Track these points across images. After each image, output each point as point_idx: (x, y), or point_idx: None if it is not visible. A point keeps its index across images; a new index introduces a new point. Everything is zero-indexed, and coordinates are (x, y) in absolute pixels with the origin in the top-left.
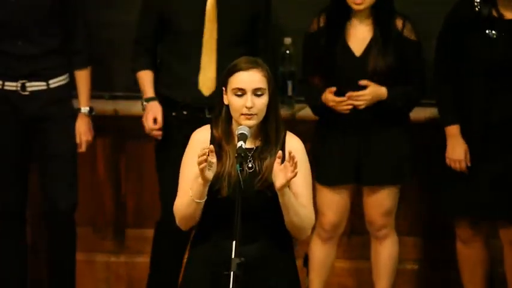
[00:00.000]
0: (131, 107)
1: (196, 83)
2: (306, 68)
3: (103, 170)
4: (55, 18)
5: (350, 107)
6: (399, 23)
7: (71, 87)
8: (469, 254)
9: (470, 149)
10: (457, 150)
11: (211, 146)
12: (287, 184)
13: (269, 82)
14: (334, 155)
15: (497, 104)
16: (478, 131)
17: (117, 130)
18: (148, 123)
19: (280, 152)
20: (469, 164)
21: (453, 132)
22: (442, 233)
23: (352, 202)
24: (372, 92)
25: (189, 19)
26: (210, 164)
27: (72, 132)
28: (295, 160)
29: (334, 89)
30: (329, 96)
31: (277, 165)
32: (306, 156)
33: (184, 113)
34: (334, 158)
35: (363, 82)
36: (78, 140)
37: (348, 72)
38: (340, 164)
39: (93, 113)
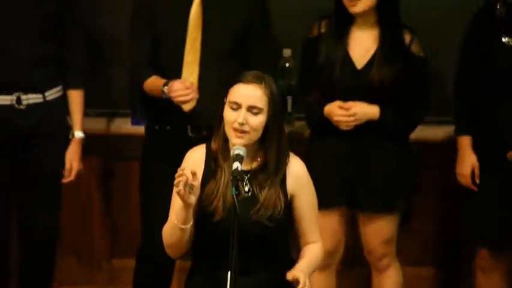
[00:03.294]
0: (120, 125)
1: None
2: (304, 76)
3: (89, 193)
4: (54, 25)
5: (356, 123)
6: (407, 37)
7: (65, 100)
8: (489, 285)
9: (491, 167)
10: (464, 164)
11: (193, 170)
12: None
13: (269, 103)
14: (327, 176)
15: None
16: (498, 148)
17: (106, 150)
18: (177, 86)
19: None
20: (477, 181)
21: (463, 143)
22: (457, 263)
23: (349, 229)
24: (360, 111)
25: (173, 31)
26: (191, 188)
27: (62, 151)
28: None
29: (340, 102)
30: (336, 110)
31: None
32: (310, 181)
33: (168, 128)
34: (327, 180)
35: (348, 105)
36: (68, 166)
37: (347, 84)
38: (334, 186)
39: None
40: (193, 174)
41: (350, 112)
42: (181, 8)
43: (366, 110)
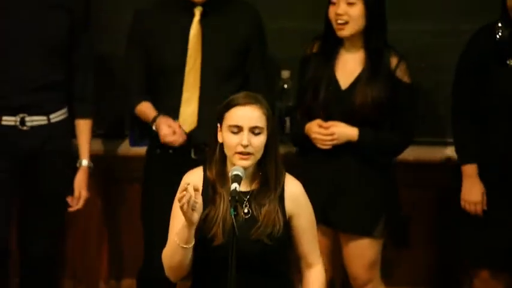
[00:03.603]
0: (118, 147)
1: (177, 118)
2: (298, 95)
3: (88, 215)
4: (64, 50)
5: (333, 142)
6: (394, 61)
7: (70, 123)
8: None
9: (491, 192)
10: (473, 192)
11: (196, 185)
12: None
13: (268, 121)
14: (309, 190)
15: None
16: (499, 172)
17: (103, 172)
18: (164, 132)
19: None
20: (485, 208)
21: (470, 172)
22: (451, 285)
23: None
24: (339, 131)
25: (172, 51)
26: (194, 205)
27: (67, 175)
28: None
29: (320, 121)
30: (314, 128)
31: None
32: (308, 201)
33: (170, 151)
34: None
35: (327, 124)
36: (77, 194)
37: (330, 104)
38: (315, 201)
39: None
40: (196, 190)
41: (328, 131)
42: (180, 29)
43: (345, 131)
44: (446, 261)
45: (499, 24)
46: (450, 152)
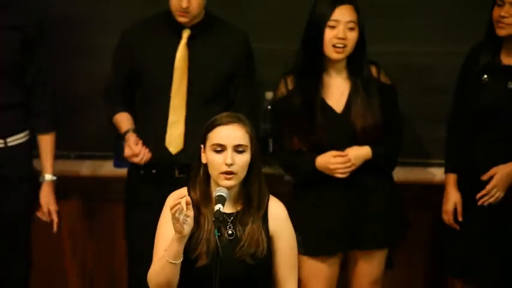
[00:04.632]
0: (100, 168)
1: (163, 140)
2: (280, 135)
3: (67, 237)
4: (18, 71)
5: (352, 169)
6: (373, 70)
7: (31, 145)
8: None
9: (469, 203)
10: (447, 202)
11: (188, 198)
12: None
13: (251, 140)
14: (325, 225)
15: (483, 155)
16: (477, 184)
17: (84, 193)
18: (131, 148)
19: None
20: (459, 219)
21: (448, 181)
22: None
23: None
24: (354, 155)
25: (159, 73)
26: (185, 218)
27: (29, 197)
28: None
29: (334, 152)
30: (331, 159)
31: None
32: (291, 225)
33: (153, 171)
34: (323, 225)
35: (344, 153)
36: (45, 210)
37: (330, 131)
38: (332, 231)
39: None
40: (188, 204)
41: (346, 159)
42: (167, 52)
43: (359, 153)
44: (438, 280)
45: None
46: (436, 172)
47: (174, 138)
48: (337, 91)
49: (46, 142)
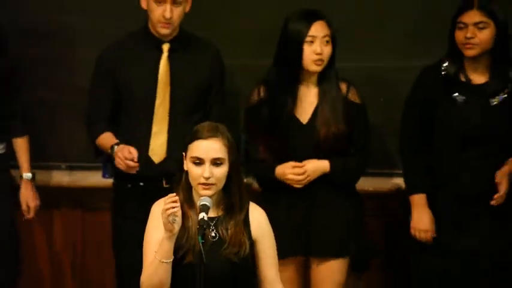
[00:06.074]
0: (88, 178)
1: (147, 150)
2: (252, 142)
3: (60, 246)
4: None
5: (308, 180)
6: (343, 86)
7: (8, 157)
8: None
9: (442, 222)
10: (423, 220)
11: (177, 197)
12: None
13: (229, 151)
14: (281, 225)
15: (469, 173)
16: (451, 202)
17: (74, 202)
18: (124, 155)
19: None
20: (434, 235)
21: (419, 201)
22: None
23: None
24: (311, 168)
25: (142, 86)
26: (174, 218)
27: (12, 206)
28: None
29: (293, 163)
30: (288, 170)
31: None
32: (271, 229)
33: (141, 184)
34: (281, 229)
35: (301, 164)
36: (24, 207)
37: (293, 141)
38: (289, 235)
39: (35, 179)
40: (176, 202)
41: (302, 170)
42: (149, 65)
43: (317, 166)
44: None
45: (444, 63)
46: (399, 181)
47: (158, 148)
48: (307, 102)
49: (21, 145)
